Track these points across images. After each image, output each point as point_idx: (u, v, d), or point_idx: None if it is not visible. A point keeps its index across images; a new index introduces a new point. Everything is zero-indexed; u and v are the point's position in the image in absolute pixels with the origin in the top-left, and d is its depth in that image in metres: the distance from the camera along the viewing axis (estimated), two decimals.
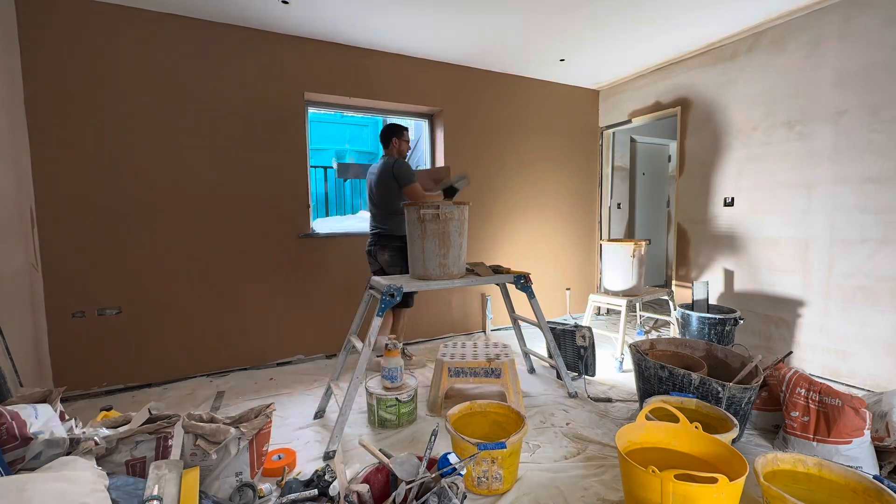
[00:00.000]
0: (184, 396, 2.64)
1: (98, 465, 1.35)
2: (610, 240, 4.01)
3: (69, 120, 2.54)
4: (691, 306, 3.13)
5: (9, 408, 1.34)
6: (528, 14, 2.78)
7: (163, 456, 1.61)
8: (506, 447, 1.60)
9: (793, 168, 2.92)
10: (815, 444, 1.80)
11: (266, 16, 2.78)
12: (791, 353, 2.09)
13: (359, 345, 2.12)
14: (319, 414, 2.33)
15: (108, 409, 2.09)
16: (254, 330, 3.08)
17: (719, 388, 1.90)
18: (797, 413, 1.87)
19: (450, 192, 2.91)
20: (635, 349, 2.30)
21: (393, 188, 2.83)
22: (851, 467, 1.46)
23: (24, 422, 1.32)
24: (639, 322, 4.03)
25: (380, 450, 1.53)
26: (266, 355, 3.13)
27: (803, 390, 1.87)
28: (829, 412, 1.78)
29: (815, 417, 1.82)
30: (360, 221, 3.93)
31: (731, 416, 1.76)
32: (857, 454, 1.72)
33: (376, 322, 2.06)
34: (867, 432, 1.73)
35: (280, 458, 1.84)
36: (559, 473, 1.80)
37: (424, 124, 3.89)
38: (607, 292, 3.32)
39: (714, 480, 1.28)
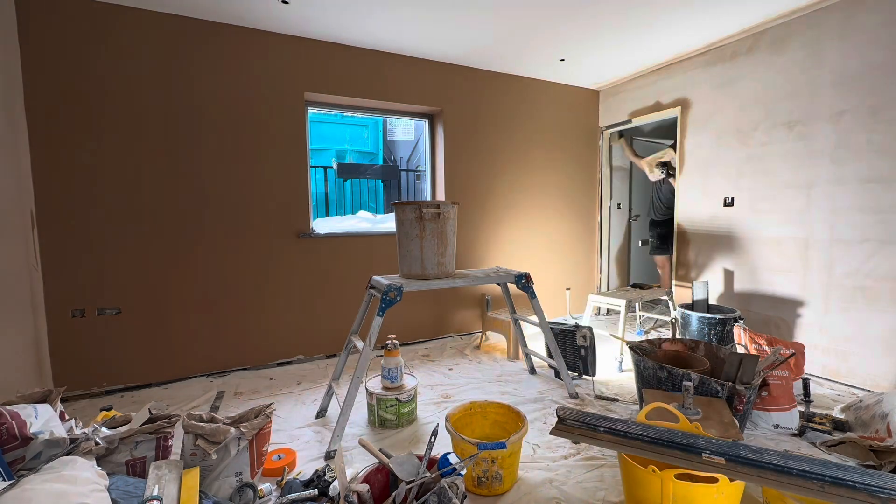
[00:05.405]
0: (184, 396, 2.64)
1: (98, 465, 1.35)
2: None
3: (69, 120, 2.54)
4: (691, 306, 3.14)
5: (9, 408, 1.34)
6: (528, 14, 2.78)
7: (163, 456, 1.61)
8: (506, 447, 1.60)
9: (793, 168, 2.92)
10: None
11: (266, 16, 2.78)
12: (794, 353, 2.10)
13: (360, 344, 2.12)
14: (321, 413, 2.33)
15: (108, 409, 2.09)
16: (254, 330, 3.08)
17: (719, 388, 1.91)
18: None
19: None
20: (634, 349, 2.29)
21: None
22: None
23: (24, 422, 1.32)
24: (638, 322, 4.03)
25: (380, 450, 1.53)
26: (266, 355, 3.13)
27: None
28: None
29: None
30: (360, 221, 3.91)
31: None
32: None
33: (377, 321, 2.06)
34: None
35: (280, 458, 1.84)
36: (559, 473, 1.80)
37: (424, 124, 3.89)
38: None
39: (714, 480, 1.28)
